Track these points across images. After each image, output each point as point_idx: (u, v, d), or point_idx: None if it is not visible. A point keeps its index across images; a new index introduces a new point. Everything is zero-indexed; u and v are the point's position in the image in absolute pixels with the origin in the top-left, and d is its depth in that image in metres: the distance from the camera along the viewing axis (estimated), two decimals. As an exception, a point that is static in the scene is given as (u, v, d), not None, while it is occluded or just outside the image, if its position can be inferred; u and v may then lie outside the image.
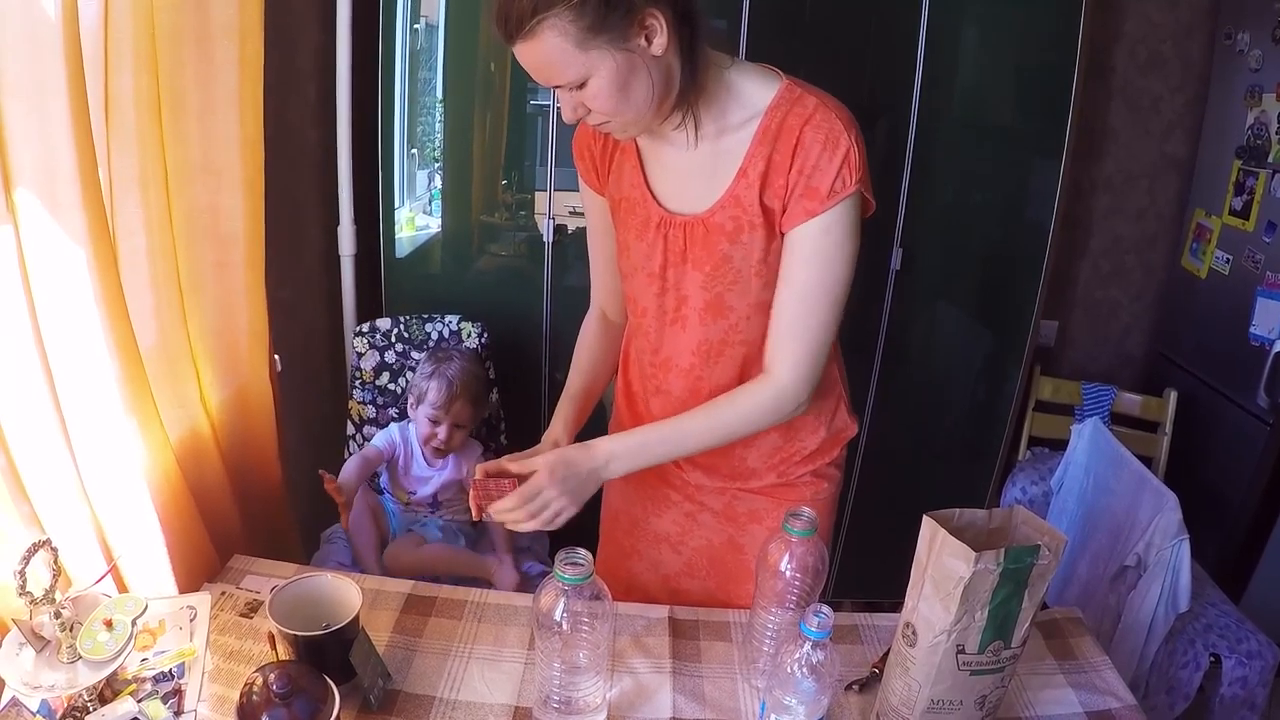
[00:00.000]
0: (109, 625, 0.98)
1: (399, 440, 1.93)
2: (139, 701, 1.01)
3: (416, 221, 2.29)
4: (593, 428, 1.35)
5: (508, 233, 2.28)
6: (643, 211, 1.22)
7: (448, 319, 2.09)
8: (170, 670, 1.07)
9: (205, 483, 1.37)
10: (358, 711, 1.08)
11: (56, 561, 0.97)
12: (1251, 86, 2.40)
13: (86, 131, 0.99)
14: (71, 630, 0.96)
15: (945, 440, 2.58)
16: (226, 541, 1.40)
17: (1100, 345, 2.94)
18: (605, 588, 1.02)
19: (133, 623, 1.00)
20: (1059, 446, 2.46)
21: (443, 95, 2.17)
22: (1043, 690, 1.19)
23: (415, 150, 2.22)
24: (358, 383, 2.09)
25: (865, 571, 2.55)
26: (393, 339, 2.08)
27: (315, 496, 1.74)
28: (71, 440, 1.07)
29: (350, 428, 2.12)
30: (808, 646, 0.96)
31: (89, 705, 0.99)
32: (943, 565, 0.98)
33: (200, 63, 1.26)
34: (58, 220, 1.00)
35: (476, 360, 2.00)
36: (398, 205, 2.21)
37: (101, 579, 1.11)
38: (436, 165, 2.23)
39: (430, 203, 2.28)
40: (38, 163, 0.97)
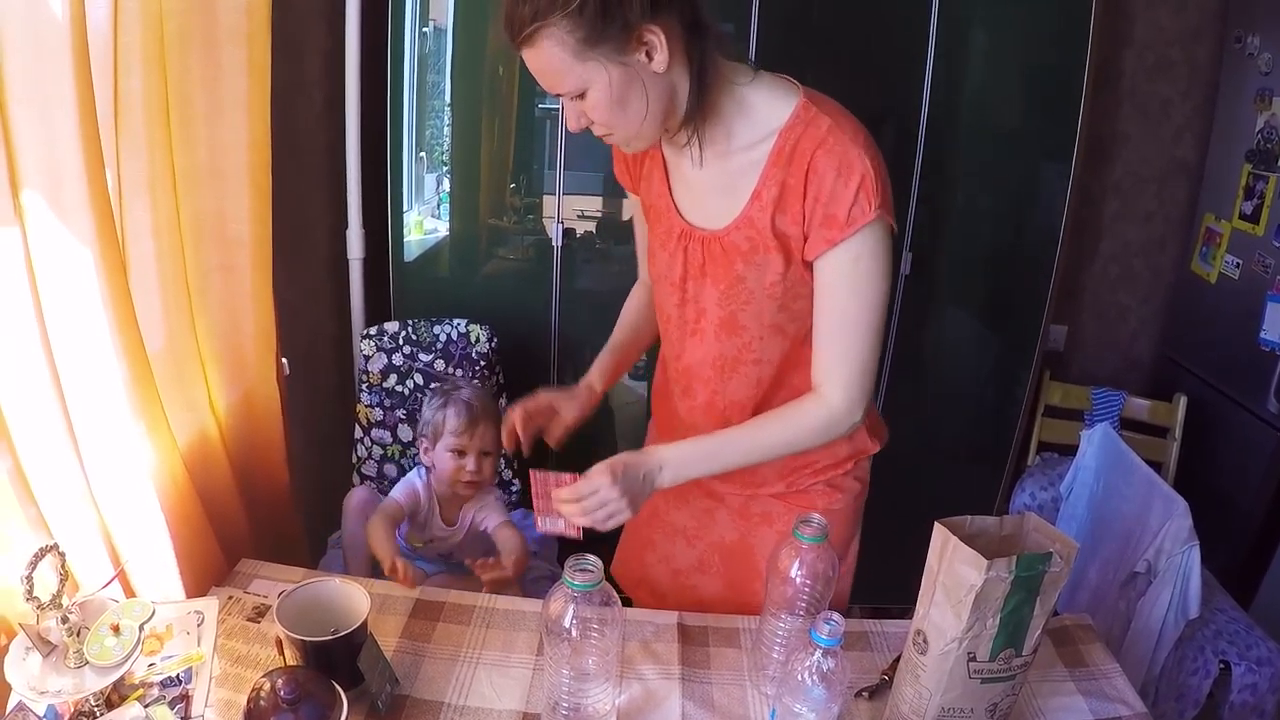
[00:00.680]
0: (116, 630, 0.98)
1: (420, 491, 1.72)
2: (146, 707, 1.00)
3: (425, 225, 2.29)
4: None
5: (516, 236, 2.28)
6: (667, 221, 1.22)
7: (456, 322, 2.09)
8: (177, 675, 1.07)
9: (213, 487, 1.37)
10: (365, 717, 1.08)
11: (64, 566, 0.96)
12: (1261, 90, 2.39)
13: (93, 134, 1.00)
14: (79, 635, 0.96)
15: (954, 445, 2.57)
16: (234, 546, 1.40)
17: (1109, 350, 2.92)
18: (614, 594, 1.02)
19: (140, 627, 0.99)
20: (1068, 452, 2.44)
21: (451, 99, 2.17)
22: (1052, 697, 1.18)
23: (423, 154, 2.22)
24: (365, 386, 2.09)
25: (873, 577, 2.53)
26: (400, 341, 2.07)
27: (322, 500, 1.73)
28: (79, 444, 1.07)
29: (358, 431, 2.12)
30: (818, 654, 0.95)
31: (96, 711, 0.98)
32: (954, 573, 0.98)
33: (208, 67, 1.27)
34: (64, 223, 1.01)
35: (484, 387, 1.97)
36: (406, 209, 2.21)
37: (109, 583, 1.11)
38: (445, 169, 2.23)
39: (438, 206, 2.28)
40: (45, 165, 0.97)
